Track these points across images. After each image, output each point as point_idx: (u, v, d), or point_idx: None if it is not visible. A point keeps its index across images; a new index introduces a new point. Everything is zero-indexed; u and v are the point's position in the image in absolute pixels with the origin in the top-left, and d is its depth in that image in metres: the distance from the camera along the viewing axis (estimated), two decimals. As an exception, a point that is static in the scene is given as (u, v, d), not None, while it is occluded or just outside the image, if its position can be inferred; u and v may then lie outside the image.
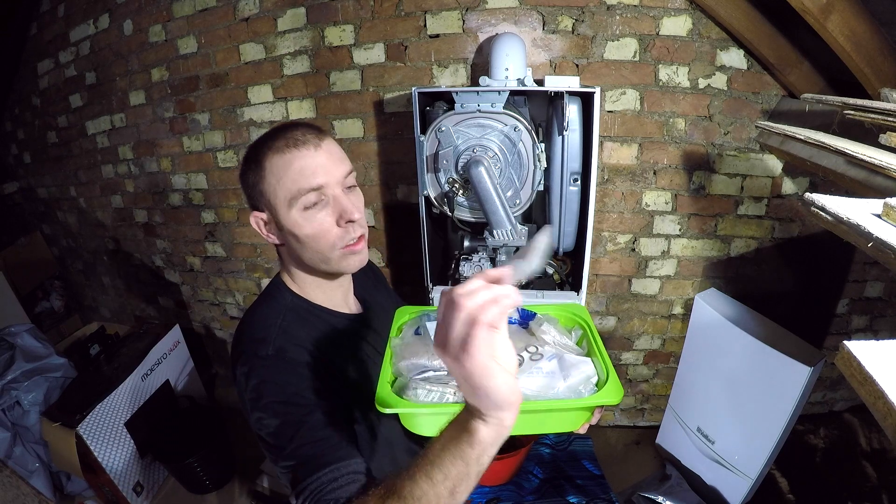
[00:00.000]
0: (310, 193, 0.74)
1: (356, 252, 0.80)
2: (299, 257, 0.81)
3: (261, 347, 0.73)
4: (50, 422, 1.80)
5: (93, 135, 2.43)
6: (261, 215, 0.79)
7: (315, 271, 0.84)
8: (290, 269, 0.86)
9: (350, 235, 0.78)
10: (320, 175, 0.74)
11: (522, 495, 1.62)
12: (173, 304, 2.68)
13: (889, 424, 0.47)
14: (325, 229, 0.76)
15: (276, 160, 0.74)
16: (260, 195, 0.77)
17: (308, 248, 0.78)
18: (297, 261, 0.83)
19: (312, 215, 0.75)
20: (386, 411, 0.75)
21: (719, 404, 1.73)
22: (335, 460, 0.64)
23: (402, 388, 0.81)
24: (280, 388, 0.70)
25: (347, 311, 0.91)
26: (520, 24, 1.66)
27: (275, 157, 0.74)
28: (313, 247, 0.77)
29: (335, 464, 0.64)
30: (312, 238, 0.76)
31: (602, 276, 1.96)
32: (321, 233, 0.76)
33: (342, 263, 0.80)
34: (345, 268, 0.81)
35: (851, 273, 1.88)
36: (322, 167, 0.74)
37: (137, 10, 2.04)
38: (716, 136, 1.69)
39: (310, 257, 0.79)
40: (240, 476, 2.10)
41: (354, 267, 0.82)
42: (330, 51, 1.81)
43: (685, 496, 1.79)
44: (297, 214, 0.75)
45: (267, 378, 0.71)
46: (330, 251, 0.78)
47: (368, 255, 0.85)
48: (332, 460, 0.64)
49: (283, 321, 0.78)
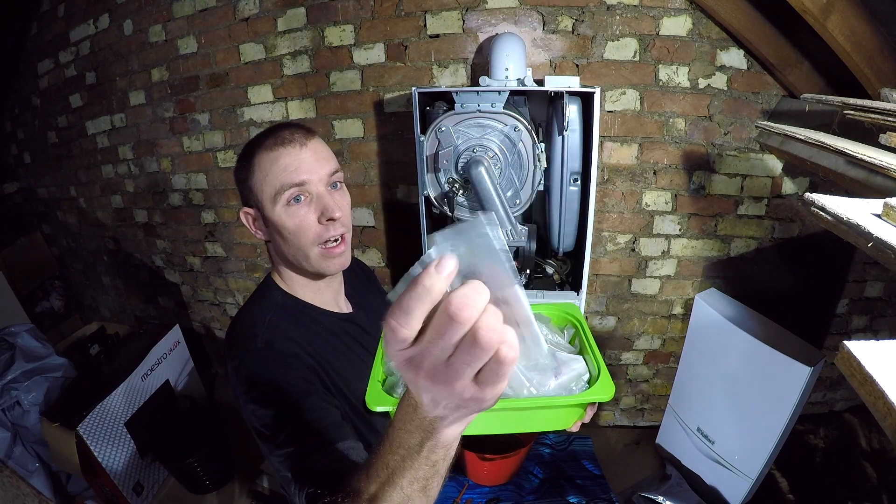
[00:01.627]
0: (292, 189, 0.76)
1: (335, 255, 0.82)
2: (284, 255, 0.83)
3: (251, 341, 0.75)
4: (50, 422, 1.80)
5: (93, 135, 2.43)
6: (249, 211, 0.82)
7: (301, 270, 0.85)
8: (279, 268, 0.88)
9: (330, 233, 0.79)
10: (304, 172, 0.76)
11: (522, 495, 1.62)
12: (173, 304, 2.68)
13: (889, 424, 0.47)
14: (306, 225, 0.78)
15: (263, 157, 0.77)
16: (249, 191, 0.80)
17: (290, 244, 0.80)
18: (283, 259, 0.85)
19: (295, 210, 0.77)
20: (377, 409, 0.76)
21: (719, 404, 1.73)
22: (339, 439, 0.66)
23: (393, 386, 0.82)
24: (271, 377, 0.71)
25: (337, 311, 0.92)
26: (520, 24, 1.66)
27: (263, 153, 0.77)
28: (294, 242, 0.79)
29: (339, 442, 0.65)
30: (293, 233, 0.78)
31: (602, 276, 1.96)
32: (302, 228, 0.78)
33: (322, 264, 0.82)
34: (325, 269, 0.83)
35: (851, 273, 1.88)
36: (306, 164, 0.77)
37: (137, 10, 2.04)
38: (716, 136, 1.69)
39: (293, 254, 0.81)
40: (240, 476, 2.10)
41: (334, 269, 0.84)
42: (330, 51, 1.81)
43: (685, 496, 1.79)
44: (280, 209, 0.77)
45: (258, 369, 0.72)
46: (309, 248, 0.79)
47: (351, 257, 0.86)
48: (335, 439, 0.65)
49: (272, 317, 0.80)
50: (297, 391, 0.70)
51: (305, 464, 0.63)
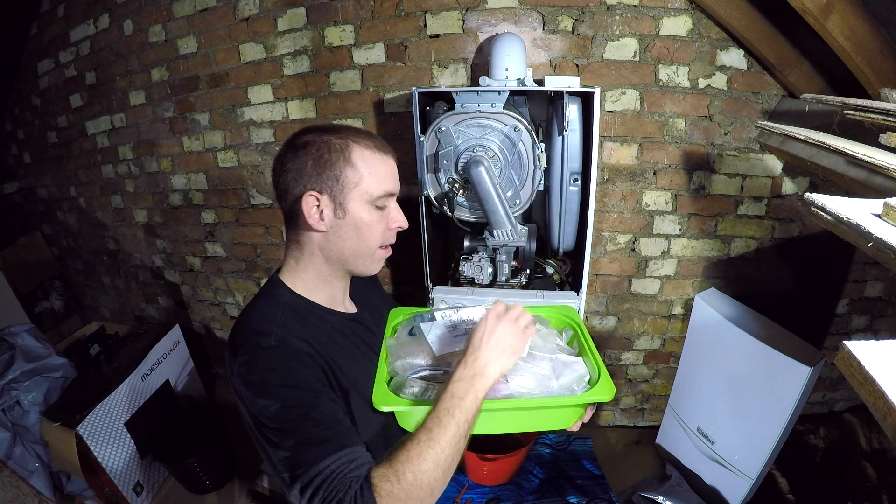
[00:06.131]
0: (387, 196, 0.83)
1: (383, 258, 0.89)
2: (334, 250, 0.83)
3: (263, 339, 0.74)
4: (50, 422, 1.80)
5: (93, 135, 2.43)
6: (320, 197, 0.78)
7: (329, 268, 0.86)
8: (299, 265, 0.86)
9: (392, 240, 0.88)
10: (397, 184, 0.86)
11: (522, 495, 1.62)
12: (173, 304, 2.68)
13: (889, 424, 0.47)
14: (379, 229, 0.84)
15: (369, 155, 0.80)
16: (335, 179, 0.78)
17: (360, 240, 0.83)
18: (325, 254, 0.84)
19: (377, 213, 0.83)
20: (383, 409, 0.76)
21: (719, 404, 1.73)
22: (350, 444, 0.66)
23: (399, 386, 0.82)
24: (285, 374, 0.71)
25: (343, 311, 0.92)
26: (520, 24, 1.66)
27: (367, 152, 0.80)
28: (367, 240, 0.83)
29: (351, 447, 0.66)
30: (372, 232, 0.83)
31: (602, 276, 1.96)
32: (379, 231, 0.84)
33: (369, 264, 0.87)
34: (367, 269, 0.88)
35: (851, 273, 1.88)
36: (397, 178, 0.86)
37: (137, 10, 2.04)
38: (716, 136, 1.69)
39: (352, 250, 0.83)
40: (240, 476, 2.10)
41: (374, 270, 0.90)
42: (330, 51, 1.81)
43: (685, 496, 1.79)
44: (367, 207, 0.81)
45: (273, 366, 0.71)
46: (371, 248, 0.84)
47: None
48: (346, 444, 0.66)
49: (282, 315, 0.79)
50: (312, 388, 0.71)
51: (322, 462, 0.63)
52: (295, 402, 0.68)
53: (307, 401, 0.68)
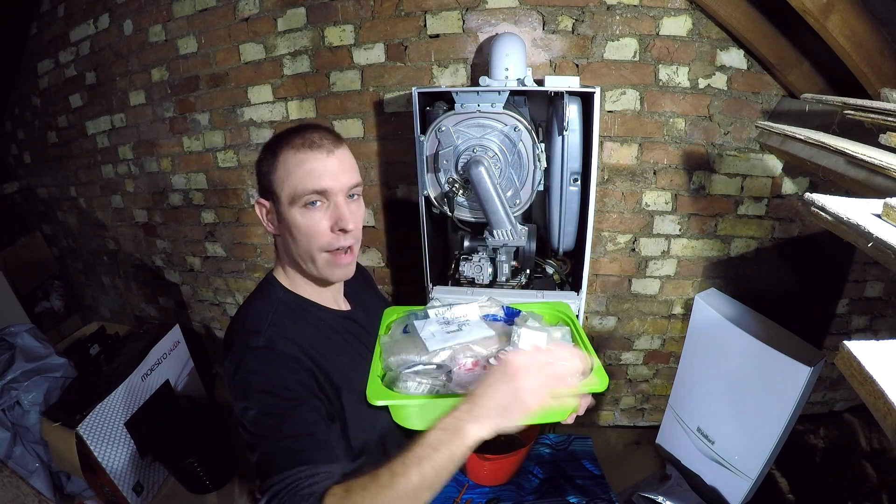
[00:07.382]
0: (312, 194, 0.77)
1: (341, 265, 0.83)
2: (291, 253, 0.84)
3: (252, 339, 0.75)
4: (50, 422, 1.80)
5: (93, 135, 2.43)
6: (265, 203, 0.82)
7: (303, 271, 0.86)
8: (283, 264, 0.88)
9: (341, 243, 0.80)
10: (327, 180, 0.77)
11: (522, 495, 1.62)
12: (173, 304, 2.68)
13: (889, 424, 0.47)
14: (318, 230, 0.79)
15: (289, 156, 0.77)
16: (268, 184, 0.80)
17: (299, 245, 0.80)
18: (289, 257, 0.85)
19: (310, 214, 0.78)
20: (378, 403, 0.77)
21: (719, 404, 1.73)
22: (314, 461, 0.65)
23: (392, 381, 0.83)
24: (267, 379, 0.71)
25: (337, 308, 0.93)
26: (520, 24, 1.66)
27: (289, 152, 0.77)
28: (304, 244, 0.80)
29: (314, 464, 0.64)
30: (305, 235, 0.79)
31: (602, 276, 1.96)
32: (314, 233, 0.79)
33: (326, 270, 0.83)
34: (329, 275, 0.84)
35: (851, 273, 1.88)
36: (330, 173, 0.77)
37: (137, 10, 2.04)
38: (716, 136, 1.69)
39: (300, 254, 0.82)
40: (240, 476, 2.10)
41: (338, 277, 0.85)
42: (330, 51, 1.81)
43: (685, 496, 1.79)
44: (296, 210, 0.78)
45: (255, 368, 0.72)
46: (318, 252, 0.80)
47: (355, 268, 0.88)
48: (310, 460, 0.65)
49: (275, 314, 0.80)
50: (292, 397, 0.70)
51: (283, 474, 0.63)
52: (272, 410, 0.68)
53: (284, 409, 0.68)
